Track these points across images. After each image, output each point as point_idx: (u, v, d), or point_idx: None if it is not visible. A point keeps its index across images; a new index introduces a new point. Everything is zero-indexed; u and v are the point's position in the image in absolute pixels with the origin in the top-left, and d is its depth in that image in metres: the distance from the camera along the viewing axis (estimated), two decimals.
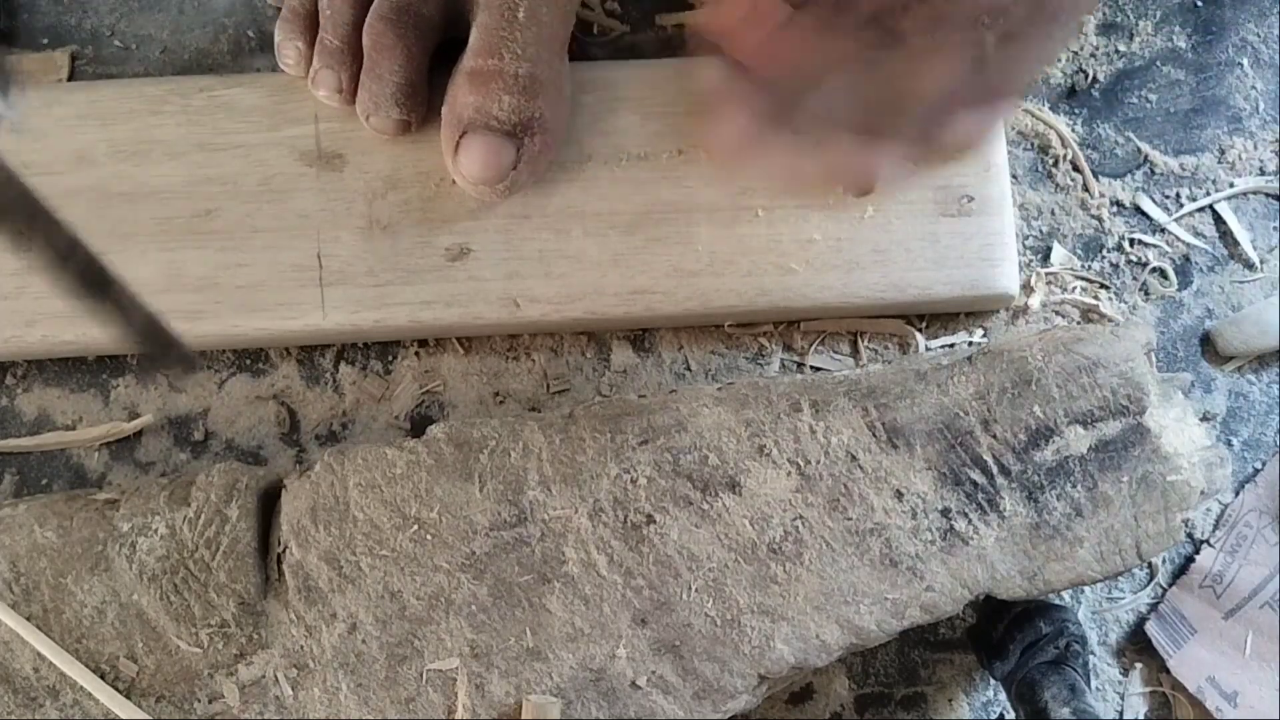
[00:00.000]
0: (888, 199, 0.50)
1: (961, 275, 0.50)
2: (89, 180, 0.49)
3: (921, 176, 0.48)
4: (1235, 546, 0.51)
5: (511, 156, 0.46)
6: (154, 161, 0.49)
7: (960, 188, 0.50)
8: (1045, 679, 0.46)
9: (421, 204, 0.49)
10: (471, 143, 0.46)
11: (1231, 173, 0.54)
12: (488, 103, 0.46)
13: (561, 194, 0.50)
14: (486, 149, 0.46)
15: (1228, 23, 0.55)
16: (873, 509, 0.44)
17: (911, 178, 0.45)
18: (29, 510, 0.44)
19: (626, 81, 0.51)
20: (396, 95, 0.47)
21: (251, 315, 0.49)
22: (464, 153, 0.46)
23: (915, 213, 0.50)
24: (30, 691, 0.42)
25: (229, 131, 0.50)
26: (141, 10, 0.54)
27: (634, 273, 0.49)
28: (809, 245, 0.50)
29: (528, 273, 0.49)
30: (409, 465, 0.44)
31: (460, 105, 0.47)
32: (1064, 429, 0.44)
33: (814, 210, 0.50)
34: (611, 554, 0.44)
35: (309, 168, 0.50)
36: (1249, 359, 0.53)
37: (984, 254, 0.50)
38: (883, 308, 0.51)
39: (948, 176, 0.50)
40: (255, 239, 0.49)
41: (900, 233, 0.50)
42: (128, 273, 0.48)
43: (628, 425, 0.45)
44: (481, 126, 0.46)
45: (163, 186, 0.49)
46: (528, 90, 0.46)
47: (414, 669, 0.43)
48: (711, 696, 0.43)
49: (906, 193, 0.50)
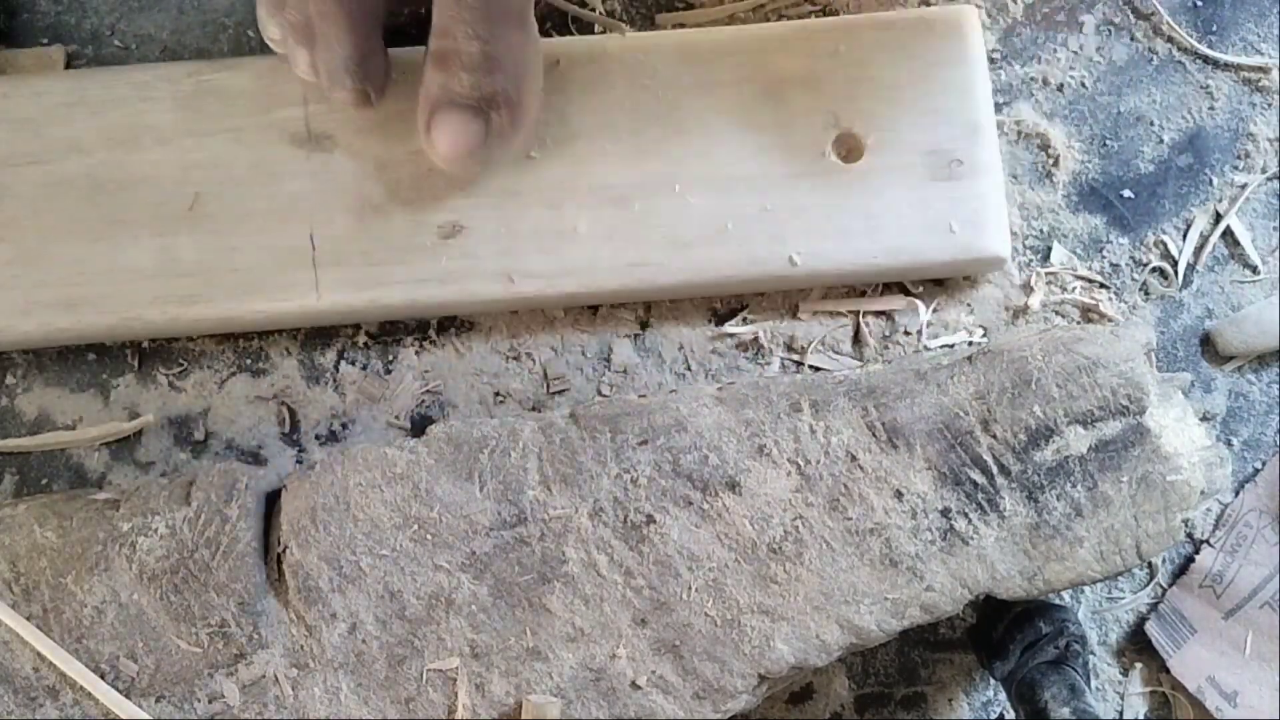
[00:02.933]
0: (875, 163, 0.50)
1: (953, 239, 0.50)
2: (80, 168, 0.49)
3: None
4: (1235, 546, 0.51)
5: (480, 131, 0.47)
6: (144, 148, 0.49)
7: (949, 151, 0.50)
8: (1045, 679, 0.46)
9: (413, 183, 0.49)
10: (439, 120, 0.47)
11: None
12: (450, 80, 0.46)
13: (552, 169, 0.50)
14: (453, 125, 0.46)
15: (1228, 22, 0.55)
16: (873, 509, 0.44)
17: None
18: (29, 510, 0.44)
19: (613, 55, 0.51)
20: (347, 64, 0.47)
21: (247, 299, 0.48)
22: (434, 130, 0.47)
23: (905, 177, 0.50)
24: (30, 691, 0.42)
25: (218, 116, 0.49)
26: (141, 10, 0.54)
27: (628, 246, 0.49)
28: (801, 213, 0.50)
29: (521, 249, 0.49)
30: (409, 465, 0.44)
31: (427, 84, 0.47)
32: (1064, 429, 0.44)
33: (804, 178, 0.50)
34: (612, 554, 0.44)
35: (299, 150, 0.49)
36: (1249, 359, 0.53)
37: (975, 217, 0.50)
38: (876, 274, 0.51)
39: (937, 140, 0.50)
40: (248, 222, 0.49)
41: (891, 198, 0.50)
42: (121, 259, 0.49)
43: (628, 425, 0.45)
44: (446, 103, 0.46)
45: (154, 173, 0.49)
46: (483, 67, 0.46)
47: (414, 669, 0.43)
48: (711, 696, 0.43)
49: (896, 157, 0.50)
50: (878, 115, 0.50)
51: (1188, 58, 0.55)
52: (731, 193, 0.50)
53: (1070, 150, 0.54)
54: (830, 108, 0.50)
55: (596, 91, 0.50)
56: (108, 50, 0.53)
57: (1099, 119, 0.54)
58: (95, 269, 0.48)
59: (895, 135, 0.50)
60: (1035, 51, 0.55)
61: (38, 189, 0.48)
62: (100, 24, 0.54)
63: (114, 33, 0.54)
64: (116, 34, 0.54)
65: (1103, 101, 0.54)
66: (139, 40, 0.54)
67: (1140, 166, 0.54)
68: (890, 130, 0.50)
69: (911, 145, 0.50)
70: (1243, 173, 0.54)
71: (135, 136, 0.49)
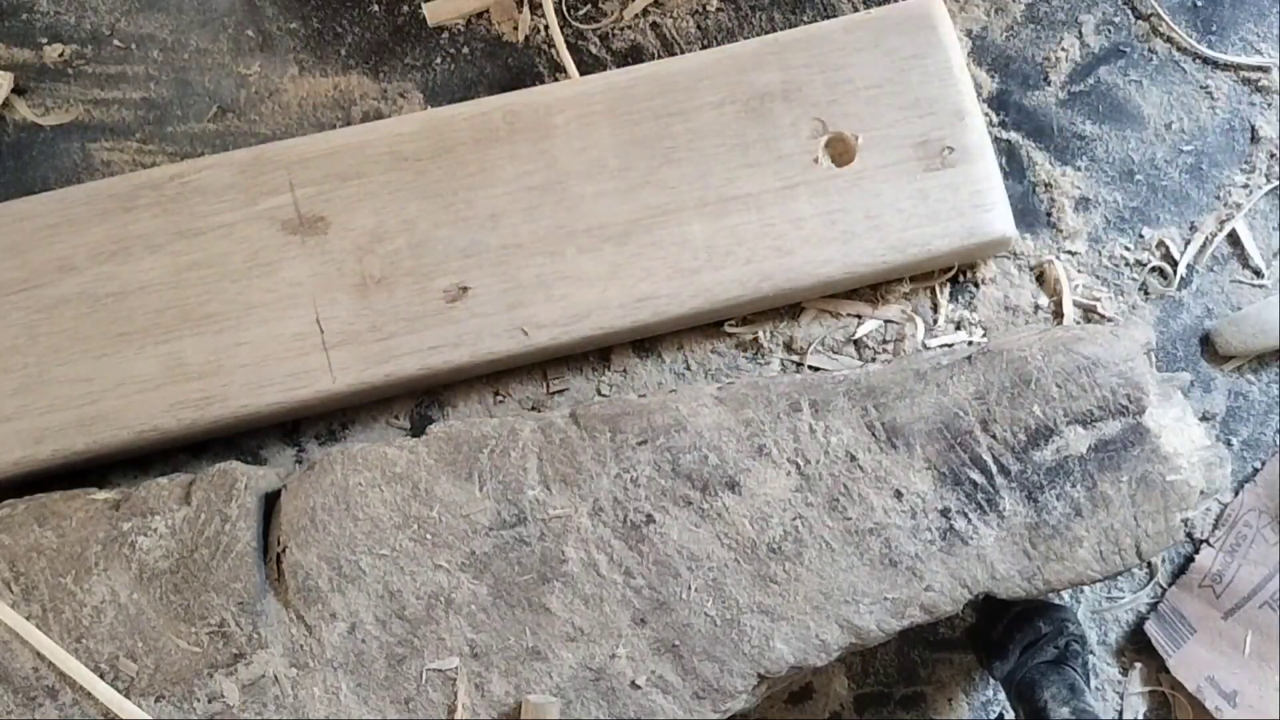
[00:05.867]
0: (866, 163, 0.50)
1: (957, 226, 0.50)
2: (74, 287, 0.48)
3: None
4: (1235, 546, 0.51)
5: None
6: (136, 257, 0.48)
7: (939, 140, 0.50)
8: (1045, 678, 0.46)
9: (411, 251, 0.49)
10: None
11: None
12: None
13: (548, 216, 0.50)
14: None
15: (1228, 22, 0.55)
16: (872, 509, 0.44)
17: None
18: (28, 510, 0.44)
19: (595, 94, 0.51)
20: None
21: (260, 392, 0.48)
22: None
23: (900, 172, 0.50)
24: (30, 691, 0.42)
25: (206, 214, 0.49)
26: (141, 10, 0.54)
27: (635, 281, 0.49)
28: (802, 224, 0.50)
29: (529, 300, 0.49)
30: (409, 465, 0.44)
31: None
32: (1064, 429, 0.44)
33: (800, 187, 0.50)
34: (611, 553, 0.44)
35: (293, 235, 0.49)
36: (1249, 359, 0.53)
37: (975, 200, 0.50)
38: (886, 272, 0.51)
39: (924, 130, 0.50)
40: (251, 315, 0.48)
41: (889, 195, 0.50)
42: (128, 372, 0.48)
43: (628, 425, 0.45)
44: None
45: (149, 280, 0.48)
46: None
47: (414, 668, 0.43)
48: (711, 696, 0.43)
49: (887, 154, 0.50)
50: (863, 115, 0.50)
51: (1187, 58, 0.55)
52: (730, 214, 0.50)
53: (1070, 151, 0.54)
54: (815, 115, 0.51)
55: (580, 132, 0.50)
56: (108, 50, 0.54)
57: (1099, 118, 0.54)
58: (103, 385, 0.47)
59: (883, 132, 0.50)
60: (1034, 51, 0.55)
61: (33, 314, 0.48)
62: (100, 24, 0.54)
63: (114, 33, 0.54)
64: (116, 34, 0.54)
65: (1102, 100, 0.54)
66: (139, 40, 0.54)
67: (1140, 166, 0.54)
68: (877, 128, 0.50)
69: (901, 140, 0.50)
70: (1244, 173, 0.54)
71: (125, 247, 0.49)
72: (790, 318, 0.52)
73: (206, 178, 0.49)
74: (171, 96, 0.54)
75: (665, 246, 0.50)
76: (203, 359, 0.48)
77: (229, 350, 0.48)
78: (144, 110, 0.53)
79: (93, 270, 0.48)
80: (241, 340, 0.48)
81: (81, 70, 0.53)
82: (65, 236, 0.49)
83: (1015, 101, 0.55)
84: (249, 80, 0.54)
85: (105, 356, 0.48)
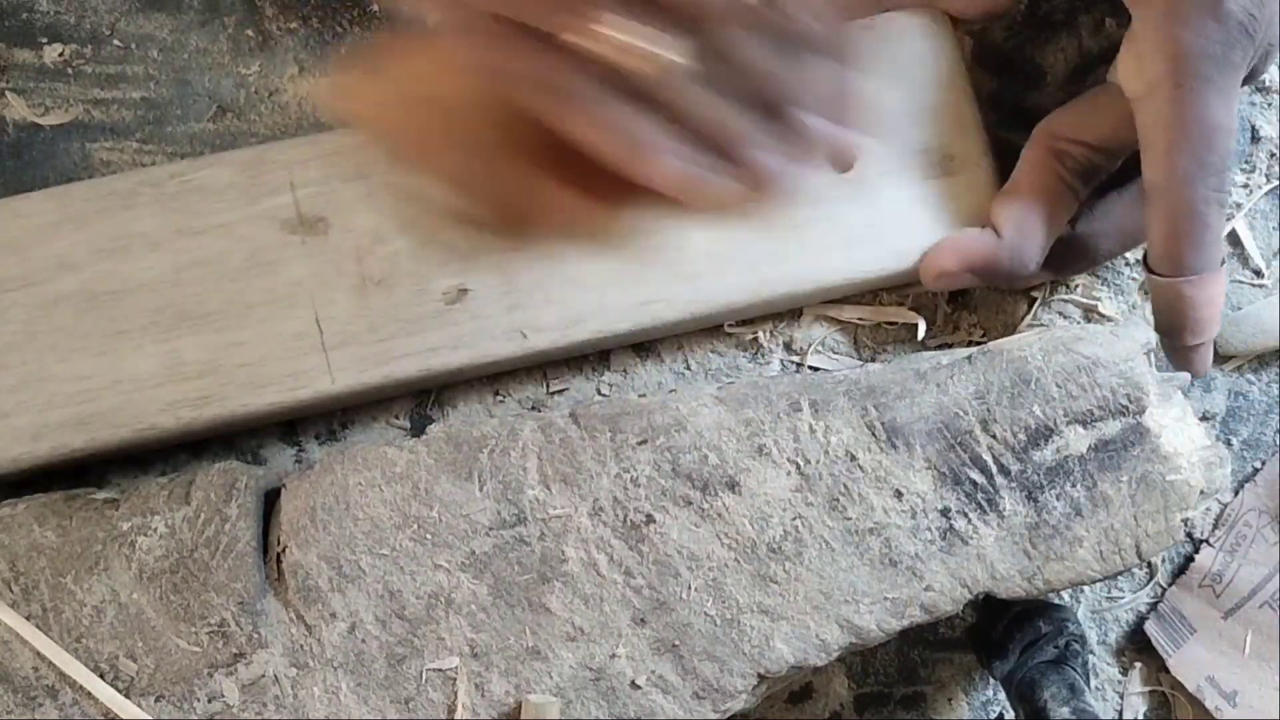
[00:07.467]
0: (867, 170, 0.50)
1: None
2: (73, 284, 0.48)
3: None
4: (1235, 546, 0.51)
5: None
6: (135, 255, 0.48)
7: (939, 148, 0.51)
8: (1045, 678, 0.46)
9: (411, 253, 0.49)
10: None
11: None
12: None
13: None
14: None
15: None
16: (872, 509, 0.44)
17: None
18: (29, 510, 0.44)
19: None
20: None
21: (259, 392, 0.48)
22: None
23: (900, 180, 0.50)
24: (30, 691, 0.42)
25: (206, 213, 0.49)
26: (141, 10, 0.54)
27: (635, 285, 0.49)
28: (803, 229, 0.50)
29: (529, 303, 0.49)
30: (409, 465, 0.44)
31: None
32: (1064, 428, 0.44)
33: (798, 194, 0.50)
34: (611, 553, 0.44)
35: (293, 235, 0.49)
36: (1249, 359, 0.53)
37: (976, 209, 0.50)
38: (889, 279, 0.51)
39: (925, 139, 0.50)
40: (251, 315, 0.48)
41: (889, 202, 0.50)
42: (126, 370, 0.47)
43: (627, 425, 0.45)
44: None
45: (149, 278, 0.48)
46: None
47: (414, 668, 0.43)
48: (711, 696, 0.43)
49: (888, 162, 0.50)
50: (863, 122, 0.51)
51: None
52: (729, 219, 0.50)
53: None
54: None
55: None
56: (107, 50, 0.53)
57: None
58: (102, 383, 0.47)
59: (884, 140, 0.50)
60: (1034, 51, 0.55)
61: (32, 311, 0.48)
62: (100, 24, 0.54)
63: (114, 33, 0.54)
64: (116, 34, 0.54)
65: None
66: (139, 40, 0.54)
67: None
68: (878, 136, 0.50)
69: (901, 147, 0.50)
70: (1244, 173, 0.54)
71: (125, 245, 0.48)
72: (790, 319, 0.52)
73: (207, 176, 0.49)
74: (171, 96, 0.54)
75: (665, 250, 0.50)
76: (202, 358, 0.48)
77: (228, 349, 0.48)
78: (144, 110, 0.53)
79: (92, 268, 0.48)
80: (241, 339, 0.48)
81: (81, 70, 0.53)
82: (65, 234, 0.49)
83: (1015, 102, 0.55)
84: (249, 80, 0.54)
85: (104, 354, 0.48)
